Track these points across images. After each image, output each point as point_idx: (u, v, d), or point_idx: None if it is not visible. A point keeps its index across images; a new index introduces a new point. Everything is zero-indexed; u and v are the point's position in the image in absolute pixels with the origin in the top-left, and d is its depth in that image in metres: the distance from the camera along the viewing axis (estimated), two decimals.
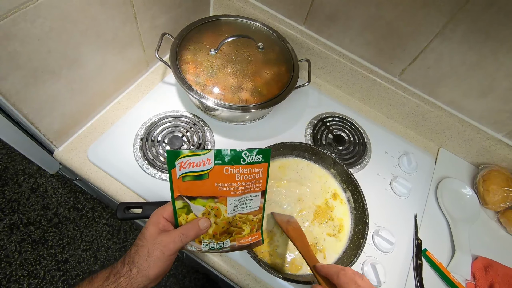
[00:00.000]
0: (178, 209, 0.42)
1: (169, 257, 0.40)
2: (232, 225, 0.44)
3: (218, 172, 0.41)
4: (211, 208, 0.42)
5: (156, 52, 0.69)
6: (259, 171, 0.43)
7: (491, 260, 0.69)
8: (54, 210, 1.46)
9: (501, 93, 0.71)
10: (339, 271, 0.41)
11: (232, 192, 0.42)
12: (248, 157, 0.42)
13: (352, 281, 0.40)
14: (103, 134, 0.69)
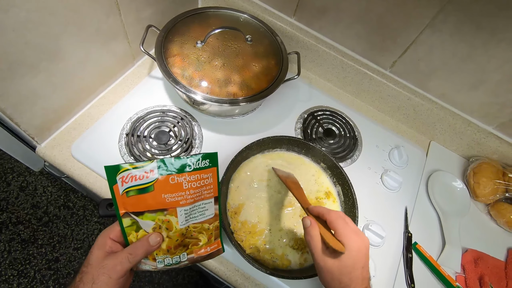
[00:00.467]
0: (126, 227, 0.39)
1: (117, 280, 0.37)
2: (186, 236, 0.42)
3: (163, 182, 0.38)
4: (162, 221, 0.40)
5: (141, 45, 0.67)
6: (207, 177, 0.42)
7: (480, 252, 0.69)
8: (44, 208, 1.44)
9: (492, 86, 0.70)
10: (330, 211, 0.44)
11: (182, 202, 0.40)
12: (194, 163, 0.40)
13: (341, 217, 0.43)
14: (88, 130, 0.67)
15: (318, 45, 0.83)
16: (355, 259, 0.40)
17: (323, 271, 0.41)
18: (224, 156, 0.68)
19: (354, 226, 0.43)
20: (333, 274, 0.40)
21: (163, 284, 1.36)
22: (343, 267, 0.39)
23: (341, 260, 0.40)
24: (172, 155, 0.67)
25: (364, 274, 0.41)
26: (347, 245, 0.40)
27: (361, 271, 0.40)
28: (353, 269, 0.40)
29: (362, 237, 0.42)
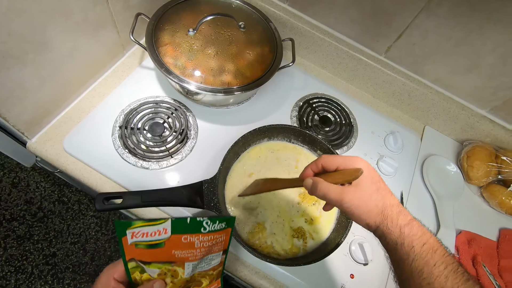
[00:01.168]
0: (131, 269, 0.38)
1: None
2: (190, 281, 0.42)
3: (175, 240, 0.37)
4: (168, 270, 0.39)
5: (131, 34, 0.65)
6: (221, 236, 0.40)
7: (474, 233, 0.71)
8: (38, 204, 1.42)
9: (485, 69, 0.70)
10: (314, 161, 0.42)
11: (191, 258, 0.39)
12: (210, 226, 0.39)
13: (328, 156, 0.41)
14: (79, 123, 0.66)
15: (312, 31, 0.82)
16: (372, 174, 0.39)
17: (353, 206, 0.38)
18: (220, 147, 0.67)
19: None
20: (364, 200, 0.38)
21: None
22: (367, 187, 0.38)
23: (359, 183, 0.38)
24: (167, 146, 0.66)
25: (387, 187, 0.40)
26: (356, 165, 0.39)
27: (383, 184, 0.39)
28: (376, 183, 0.39)
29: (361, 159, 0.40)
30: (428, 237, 0.36)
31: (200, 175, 0.65)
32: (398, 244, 0.36)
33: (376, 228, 0.38)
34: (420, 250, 0.35)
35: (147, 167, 0.63)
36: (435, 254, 0.34)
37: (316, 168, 0.42)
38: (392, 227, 0.37)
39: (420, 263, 0.34)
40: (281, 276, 0.59)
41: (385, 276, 0.63)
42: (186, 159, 0.67)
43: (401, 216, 0.37)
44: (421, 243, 0.35)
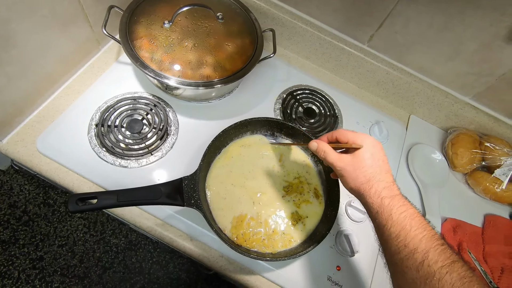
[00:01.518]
0: None
1: None
2: None
3: None
4: None
5: (103, 28, 0.62)
6: None
7: (459, 220, 0.71)
8: (23, 207, 1.39)
9: (468, 56, 0.70)
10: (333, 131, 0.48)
11: None
12: None
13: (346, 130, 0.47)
14: (53, 122, 0.63)
15: (294, 21, 0.80)
16: (373, 151, 0.42)
17: (345, 170, 0.43)
18: (201, 142, 0.66)
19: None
20: (355, 169, 0.42)
21: (153, 274, 1.35)
22: (363, 160, 0.42)
23: (358, 154, 0.43)
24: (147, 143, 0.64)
25: (387, 167, 0.43)
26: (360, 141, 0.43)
27: (382, 163, 0.42)
28: (374, 160, 0.42)
29: (372, 137, 0.45)
30: (408, 207, 0.39)
31: (182, 171, 0.63)
32: (378, 212, 0.40)
33: (358, 194, 0.43)
34: (397, 217, 0.38)
35: (126, 166, 0.61)
36: (413, 220, 0.37)
37: (330, 137, 0.48)
38: (374, 197, 0.40)
39: (396, 228, 0.38)
40: (265, 270, 0.58)
41: (372, 266, 0.63)
42: (167, 156, 0.65)
43: (387, 190, 0.41)
44: (399, 212, 0.38)
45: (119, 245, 1.39)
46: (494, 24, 0.62)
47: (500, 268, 0.67)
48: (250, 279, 0.58)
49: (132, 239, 1.41)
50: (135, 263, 1.36)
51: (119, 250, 1.38)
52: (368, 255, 0.63)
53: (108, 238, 1.39)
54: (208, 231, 0.58)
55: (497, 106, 0.78)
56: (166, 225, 0.59)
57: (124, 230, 1.42)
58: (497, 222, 0.73)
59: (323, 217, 0.61)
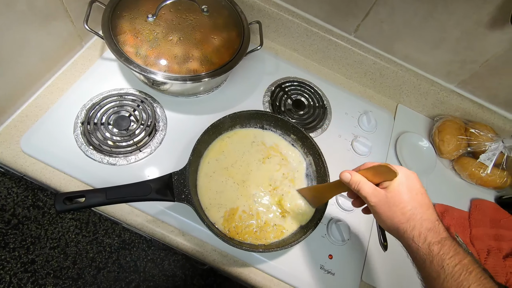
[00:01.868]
0: None
1: None
2: None
3: None
4: None
5: (85, 23, 0.61)
6: None
7: (447, 205, 0.73)
8: (11, 211, 1.36)
9: (452, 44, 0.71)
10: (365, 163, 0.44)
11: None
12: None
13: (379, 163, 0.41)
14: (37, 121, 0.62)
15: (281, 13, 0.79)
16: (410, 185, 0.38)
17: (379, 207, 0.39)
18: (190, 137, 0.65)
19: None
20: (390, 205, 0.38)
21: (149, 272, 1.35)
22: (400, 195, 0.37)
23: (394, 189, 0.38)
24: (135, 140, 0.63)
25: (427, 201, 0.38)
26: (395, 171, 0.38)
27: (422, 198, 0.38)
28: (412, 195, 0.38)
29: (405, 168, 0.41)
30: (462, 257, 0.34)
31: (171, 167, 0.63)
32: (426, 261, 0.35)
33: (397, 235, 0.38)
34: (451, 270, 0.33)
35: (114, 163, 0.61)
36: (470, 275, 0.33)
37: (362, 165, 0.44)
38: (420, 242, 0.35)
39: (451, 284, 0.33)
40: (259, 261, 0.59)
41: (363, 253, 0.64)
42: (156, 152, 0.64)
43: (432, 233, 0.36)
44: (452, 264, 0.33)
45: (113, 244, 1.38)
46: (477, 12, 0.63)
47: (486, 250, 0.69)
48: (244, 271, 0.59)
49: (125, 238, 1.40)
50: (130, 262, 1.36)
51: (112, 250, 1.36)
52: (358, 242, 0.64)
53: (101, 238, 1.38)
54: (200, 225, 0.58)
55: (481, 93, 0.79)
56: (158, 221, 0.59)
57: (117, 229, 1.41)
58: (483, 206, 0.75)
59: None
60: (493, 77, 0.74)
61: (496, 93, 0.77)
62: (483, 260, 0.67)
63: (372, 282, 0.62)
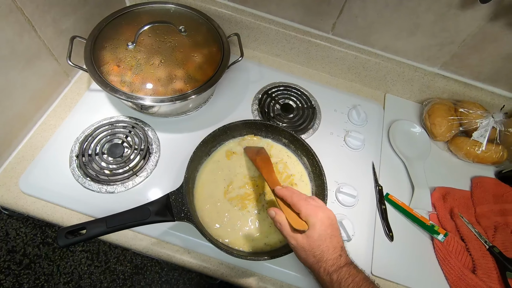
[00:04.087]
0: None
1: None
2: None
3: None
4: None
5: (68, 59, 0.63)
6: None
7: (447, 188, 0.73)
8: (22, 251, 1.36)
9: (427, 28, 0.72)
10: (293, 193, 0.46)
11: None
12: None
13: (303, 199, 0.45)
14: (33, 161, 0.63)
15: (258, 22, 0.81)
16: (320, 231, 0.42)
17: (297, 250, 0.44)
18: (185, 155, 0.66)
19: (317, 202, 0.46)
20: (306, 250, 0.43)
21: None
22: (312, 242, 0.42)
23: (308, 236, 0.43)
24: (130, 165, 0.64)
25: (334, 243, 0.43)
26: (310, 222, 0.43)
27: (330, 240, 0.43)
28: (321, 241, 0.42)
29: (324, 210, 0.45)
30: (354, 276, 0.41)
31: (169, 187, 0.63)
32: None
33: (311, 271, 0.44)
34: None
35: (113, 191, 0.61)
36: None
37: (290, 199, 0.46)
38: (324, 275, 0.42)
39: None
40: (266, 269, 0.59)
41: (370, 247, 0.64)
42: (152, 174, 0.65)
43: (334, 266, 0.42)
44: (346, 284, 0.40)
45: (126, 271, 1.37)
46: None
47: (493, 226, 0.68)
48: (254, 281, 0.59)
49: (137, 263, 1.40)
50: (145, 287, 1.35)
51: (126, 277, 1.36)
52: (364, 236, 0.64)
53: (113, 266, 1.38)
54: (203, 241, 0.58)
55: (464, 72, 0.80)
56: (162, 242, 0.59)
57: (128, 255, 1.41)
58: (484, 183, 0.75)
59: None
60: (473, 55, 0.75)
61: (479, 70, 0.78)
62: (491, 237, 0.67)
63: (382, 275, 0.61)
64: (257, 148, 0.65)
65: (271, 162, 0.59)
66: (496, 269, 0.62)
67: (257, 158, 0.59)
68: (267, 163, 0.58)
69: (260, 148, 0.65)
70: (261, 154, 0.61)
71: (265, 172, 0.55)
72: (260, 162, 0.58)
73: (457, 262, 0.62)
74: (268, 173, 0.55)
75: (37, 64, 0.64)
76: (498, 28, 0.67)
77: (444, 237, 0.64)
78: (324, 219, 0.43)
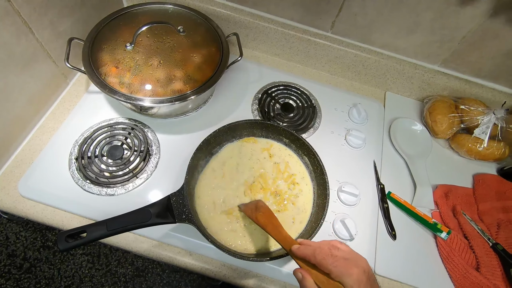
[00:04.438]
0: None
1: None
2: None
3: None
4: None
5: (66, 61, 0.62)
6: None
7: (449, 185, 0.72)
8: (22, 255, 1.36)
9: (427, 26, 0.72)
10: (315, 250, 0.40)
11: None
12: None
13: (328, 255, 0.39)
14: (32, 164, 0.62)
15: (257, 22, 0.81)
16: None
17: None
18: (185, 156, 0.65)
19: (345, 252, 0.40)
20: None
21: None
22: None
23: None
24: (130, 167, 0.64)
25: None
26: (345, 283, 0.37)
27: None
28: None
29: (357, 262, 0.39)
30: None
31: (170, 189, 0.63)
32: None
33: None
34: None
35: (113, 194, 0.61)
36: None
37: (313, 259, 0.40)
38: None
39: None
40: (269, 270, 0.58)
41: (373, 246, 0.63)
42: (153, 176, 0.64)
43: None
44: None
45: (127, 274, 1.37)
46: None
47: (496, 223, 0.68)
48: (257, 282, 0.58)
49: (139, 266, 1.39)
50: None
51: (127, 279, 1.36)
52: (366, 235, 0.64)
53: (114, 269, 1.37)
54: (205, 242, 0.58)
55: (465, 69, 0.80)
56: (163, 244, 0.59)
57: (129, 257, 1.40)
58: (486, 180, 0.75)
59: (315, 208, 0.61)
60: (474, 52, 0.74)
61: (479, 66, 0.78)
62: (495, 234, 0.66)
63: (386, 274, 0.61)
64: (254, 203, 0.57)
65: (274, 214, 0.52)
66: (500, 266, 0.62)
67: (257, 216, 0.52)
68: (270, 218, 0.51)
69: (257, 202, 0.57)
70: (261, 209, 0.54)
71: (271, 229, 0.49)
72: (262, 219, 0.51)
73: (460, 260, 0.61)
74: (276, 230, 0.48)
75: (35, 66, 0.63)
76: (498, 25, 0.67)
77: (447, 235, 0.64)
78: (361, 276, 0.38)
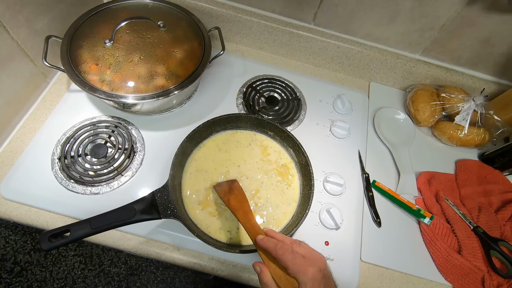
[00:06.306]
0: None
1: None
2: None
3: None
4: None
5: (44, 60, 0.61)
6: None
7: (432, 172, 0.74)
8: (12, 259, 1.34)
9: (407, 14, 0.72)
10: (277, 244, 0.41)
11: None
12: None
13: (289, 251, 0.40)
14: (14, 166, 0.61)
15: (239, 15, 0.80)
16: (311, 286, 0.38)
17: None
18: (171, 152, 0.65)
19: (305, 250, 0.41)
20: None
21: None
22: None
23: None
24: (115, 165, 0.63)
25: None
26: (300, 280, 0.38)
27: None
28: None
29: (314, 262, 0.39)
30: None
31: (156, 185, 0.62)
32: None
33: None
34: None
35: (98, 192, 0.60)
36: None
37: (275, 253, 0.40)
38: None
39: None
40: None
41: (359, 233, 0.65)
42: (138, 173, 0.64)
43: None
44: None
45: (120, 273, 1.37)
46: None
47: (477, 207, 0.70)
48: (244, 274, 0.59)
49: (132, 264, 1.39)
50: (140, 287, 1.35)
51: (121, 279, 1.35)
52: (352, 224, 0.65)
53: (107, 269, 1.37)
54: (192, 237, 0.58)
55: (445, 57, 0.81)
56: (151, 241, 0.59)
57: (122, 257, 1.40)
58: (468, 165, 0.77)
59: (301, 199, 0.62)
60: (453, 40, 0.75)
61: (459, 54, 0.79)
62: (476, 218, 0.68)
63: (372, 260, 0.62)
64: (228, 184, 0.56)
65: (247, 199, 0.52)
66: (480, 249, 0.64)
67: (230, 198, 0.51)
68: (242, 202, 0.51)
69: (232, 182, 0.56)
70: (234, 191, 0.53)
71: (241, 216, 0.48)
72: (234, 203, 0.50)
73: (443, 244, 0.63)
74: (245, 217, 0.48)
75: (12, 66, 0.62)
76: (475, 12, 0.68)
77: (430, 220, 0.65)
78: (316, 275, 0.38)
